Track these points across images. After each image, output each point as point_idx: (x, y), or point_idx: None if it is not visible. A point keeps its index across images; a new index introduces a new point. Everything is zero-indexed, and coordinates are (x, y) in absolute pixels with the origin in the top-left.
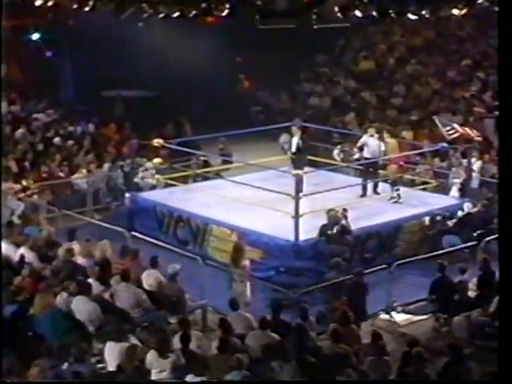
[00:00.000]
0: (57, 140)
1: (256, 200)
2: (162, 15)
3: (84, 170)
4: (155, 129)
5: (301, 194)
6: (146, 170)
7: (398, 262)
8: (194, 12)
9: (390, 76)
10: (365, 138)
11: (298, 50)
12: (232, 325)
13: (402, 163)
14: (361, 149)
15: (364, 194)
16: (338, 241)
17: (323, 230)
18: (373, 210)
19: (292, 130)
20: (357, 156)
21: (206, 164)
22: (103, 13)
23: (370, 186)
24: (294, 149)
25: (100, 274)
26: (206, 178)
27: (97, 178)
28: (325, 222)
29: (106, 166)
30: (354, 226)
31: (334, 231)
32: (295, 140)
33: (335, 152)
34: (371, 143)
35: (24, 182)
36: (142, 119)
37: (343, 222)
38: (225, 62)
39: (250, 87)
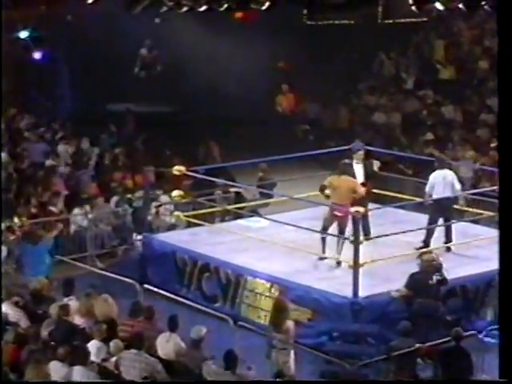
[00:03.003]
0: (49, 163)
1: (303, 245)
2: (184, 9)
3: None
4: (175, 153)
5: (361, 238)
6: (163, 204)
7: (491, 328)
8: (226, 5)
9: (480, 86)
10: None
11: (357, 52)
12: None
13: None
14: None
15: (449, 240)
16: (435, 294)
17: (416, 279)
18: (455, 257)
19: (357, 155)
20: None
21: (240, 198)
22: (110, 6)
23: (442, 229)
24: (359, 178)
25: (103, 337)
26: (238, 216)
27: (100, 215)
28: (400, 270)
29: (114, 199)
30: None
31: (434, 280)
32: (358, 168)
33: None
34: (446, 180)
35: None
36: (157, 140)
37: (442, 270)
38: (263, 68)
39: (295, 100)
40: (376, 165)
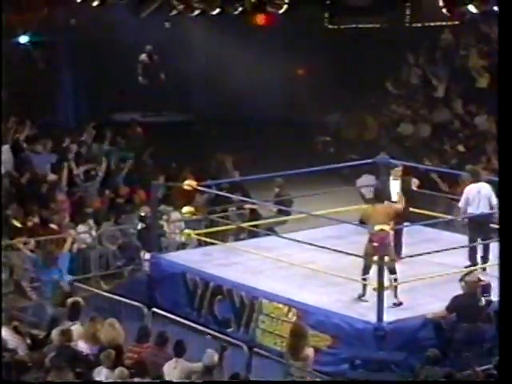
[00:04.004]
0: (52, 178)
1: (323, 266)
2: (196, 12)
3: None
4: (185, 166)
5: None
6: (173, 222)
7: None
8: (241, 8)
9: None
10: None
11: (382, 58)
12: None
13: None
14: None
15: (486, 259)
16: (485, 317)
17: (460, 302)
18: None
19: (395, 171)
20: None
21: (255, 215)
22: (117, 9)
23: (479, 248)
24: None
25: (109, 364)
26: (254, 235)
27: (105, 233)
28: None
29: (123, 217)
30: None
31: (483, 303)
32: (395, 185)
33: None
34: (481, 194)
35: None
36: (166, 153)
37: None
38: (280, 75)
39: (314, 109)
40: (414, 183)
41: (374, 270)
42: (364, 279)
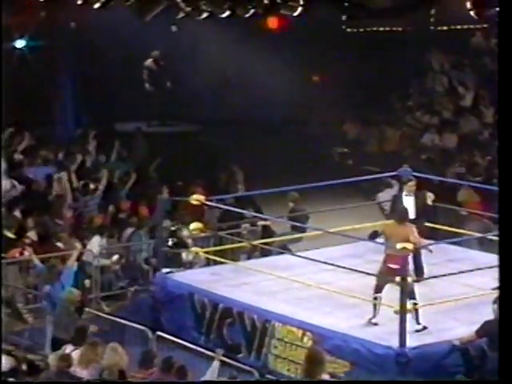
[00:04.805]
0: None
1: (341, 286)
2: (204, 15)
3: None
4: (193, 179)
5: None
6: (180, 239)
7: None
8: (252, 11)
9: None
10: None
11: (404, 63)
12: None
13: None
14: None
15: None
16: None
17: (491, 328)
18: None
19: (408, 186)
20: None
21: (267, 231)
22: (120, 12)
23: None
24: (411, 214)
25: None
26: (266, 253)
27: (108, 250)
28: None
29: (128, 231)
30: None
31: None
32: (409, 201)
33: None
34: None
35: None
36: (172, 165)
37: None
38: (294, 83)
39: (331, 118)
40: (430, 198)
41: (386, 289)
42: (375, 298)
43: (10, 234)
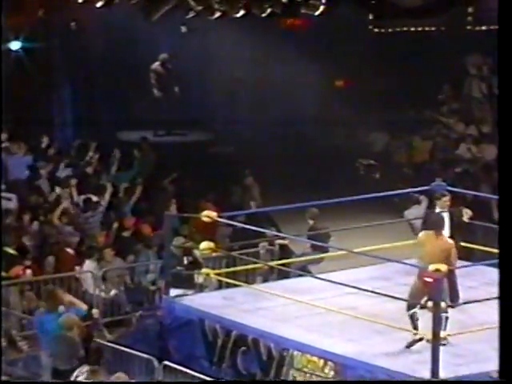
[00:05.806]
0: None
1: (366, 311)
2: (217, 15)
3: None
4: (204, 194)
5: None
6: (195, 258)
7: None
8: (270, 10)
9: None
10: None
11: (437, 67)
12: None
13: None
14: None
15: None
16: None
17: None
18: None
19: (441, 202)
20: None
21: (285, 251)
22: (124, 11)
23: None
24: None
25: None
26: (284, 275)
27: (110, 272)
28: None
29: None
30: None
31: None
32: (444, 217)
33: None
34: None
35: None
36: (182, 178)
37: None
38: (315, 88)
39: (356, 127)
40: (466, 214)
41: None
42: (412, 316)
43: (11, 251)
